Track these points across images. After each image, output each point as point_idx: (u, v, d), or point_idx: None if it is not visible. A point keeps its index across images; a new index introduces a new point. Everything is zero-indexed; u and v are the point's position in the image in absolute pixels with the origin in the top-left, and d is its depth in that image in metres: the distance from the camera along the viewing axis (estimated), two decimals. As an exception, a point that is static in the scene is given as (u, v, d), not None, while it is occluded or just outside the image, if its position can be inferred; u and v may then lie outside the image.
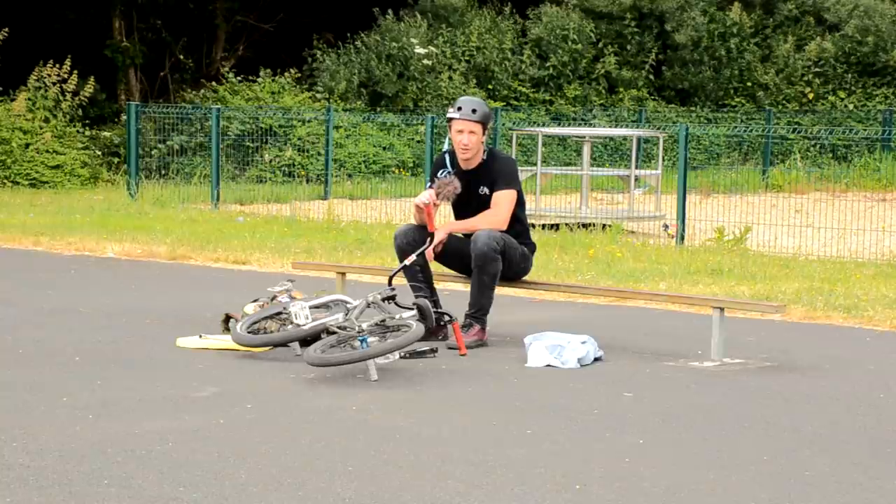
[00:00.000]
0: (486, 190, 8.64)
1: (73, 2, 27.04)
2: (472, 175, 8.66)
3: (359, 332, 7.50)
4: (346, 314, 7.90)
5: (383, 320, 7.74)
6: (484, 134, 8.64)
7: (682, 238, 15.04)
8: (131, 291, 10.99)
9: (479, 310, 8.55)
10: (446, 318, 8.48)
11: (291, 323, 8.06)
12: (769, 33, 29.76)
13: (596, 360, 8.11)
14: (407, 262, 8.53)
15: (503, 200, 8.60)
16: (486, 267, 8.45)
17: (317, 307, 8.34)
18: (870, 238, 14.54)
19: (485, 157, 8.69)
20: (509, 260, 8.59)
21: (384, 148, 24.33)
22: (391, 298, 8.04)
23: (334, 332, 7.66)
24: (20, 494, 5.16)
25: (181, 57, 28.73)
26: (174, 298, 10.53)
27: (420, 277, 8.65)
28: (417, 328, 7.54)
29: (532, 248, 8.87)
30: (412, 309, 7.90)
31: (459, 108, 8.59)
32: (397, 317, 7.77)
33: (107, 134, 24.51)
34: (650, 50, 28.58)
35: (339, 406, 6.79)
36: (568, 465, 5.74)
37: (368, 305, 7.97)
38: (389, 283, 8.44)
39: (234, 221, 16.44)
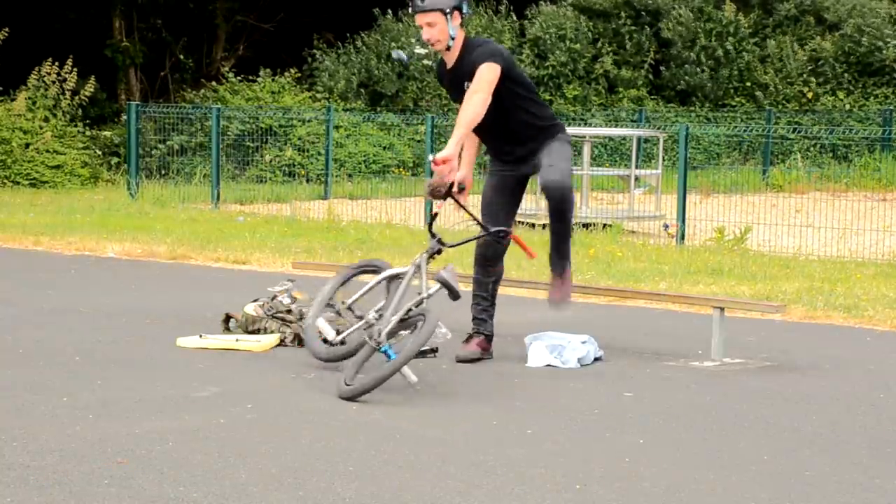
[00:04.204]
0: (469, 84, 7.70)
1: (73, 2, 27.05)
2: (455, 73, 7.84)
3: (377, 345, 7.22)
4: (378, 315, 7.54)
5: (403, 318, 7.43)
6: (449, 22, 7.69)
7: (683, 238, 15.04)
8: (131, 291, 10.99)
9: (562, 257, 7.95)
10: (501, 233, 7.85)
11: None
12: (768, 33, 29.76)
13: (596, 360, 8.11)
14: (436, 208, 7.95)
15: (480, 74, 7.56)
16: (565, 204, 7.75)
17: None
18: (870, 238, 14.54)
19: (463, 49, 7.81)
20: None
21: (384, 148, 24.33)
22: (438, 253, 7.67)
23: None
24: (20, 494, 5.16)
25: (181, 57, 28.75)
26: (174, 298, 10.53)
27: (486, 291, 8.15)
28: (431, 318, 7.22)
29: (563, 129, 8.03)
30: (436, 285, 7.50)
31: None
32: (416, 299, 7.44)
33: (107, 134, 24.53)
34: (648, 49, 28.58)
35: (339, 406, 6.79)
36: (568, 465, 5.74)
37: (417, 269, 7.59)
38: (430, 231, 7.90)
39: (235, 221, 16.44)
